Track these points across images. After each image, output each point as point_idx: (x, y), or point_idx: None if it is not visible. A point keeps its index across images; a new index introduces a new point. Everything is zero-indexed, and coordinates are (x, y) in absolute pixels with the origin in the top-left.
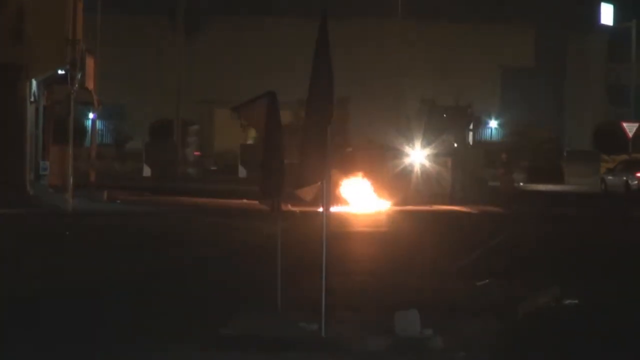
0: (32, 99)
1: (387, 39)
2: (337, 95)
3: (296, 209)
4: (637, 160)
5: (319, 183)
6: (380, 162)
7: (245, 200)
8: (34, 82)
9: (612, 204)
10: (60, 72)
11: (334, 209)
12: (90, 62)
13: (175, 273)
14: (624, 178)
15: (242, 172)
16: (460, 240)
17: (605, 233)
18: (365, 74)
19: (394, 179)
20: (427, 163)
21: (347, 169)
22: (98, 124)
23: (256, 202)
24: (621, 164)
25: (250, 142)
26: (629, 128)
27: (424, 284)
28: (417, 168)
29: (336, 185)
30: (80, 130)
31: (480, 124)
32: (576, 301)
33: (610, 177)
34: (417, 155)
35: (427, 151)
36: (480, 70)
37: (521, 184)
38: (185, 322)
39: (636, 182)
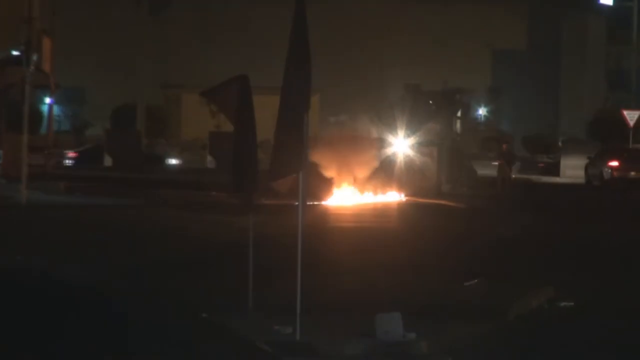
0: None
1: (370, 19)
2: (315, 81)
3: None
4: (613, 149)
5: (295, 175)
6: (361, 153)
7: (214, 193)
8: None
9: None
10: (14, 53)
11: (311, 202)
12: (47, 43)
13: (136, 272)
14: (600, 168)
15: (211, 162)
16: (446, 237)
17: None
18: (346, 57)
19: (376, 171)
20: (411, 153)
21: (326, 160)
22: (55, 109)
23: (227, 194)
24: (598, 154)
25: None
26: (630, 116)
27: (408, 283)
28: (400, 158)
29: (314, 176)
30: (36, 116)
31: (469, 110)
32: (572, 303)
33: (590, 167)
34: (401, 145)
35: (412, 140)
36: (469, 53)
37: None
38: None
39: (609, 171)
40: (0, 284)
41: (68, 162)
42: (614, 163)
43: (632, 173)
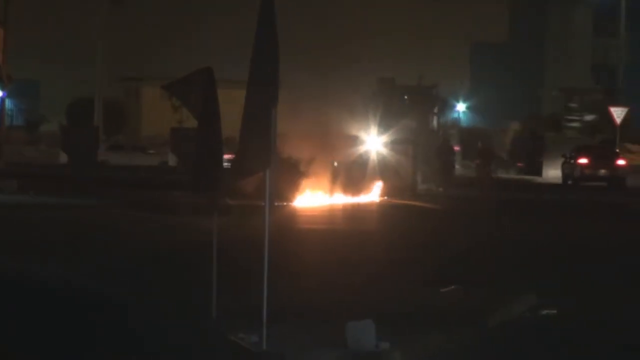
0: None
1: (342, 10)
2: (283, 75)
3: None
4: (584, 147)
5: (261, 173)
6: (331, 152)
7: (176, 192)
8: None
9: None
10: None
11: (278, 203)
12: None
13: (94, 277)
14: (573, 166)
15: (172, 160)
16: (421, 240)
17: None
18: (316, 49)
19: (347, 170)
20: (385, 151)
21: (295, 158)
22: (7, 103)
23: (189, 194)
24: (571, 152)
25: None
26: (617, 113)
27: (381, 289)
28: (374, 157)
29: (282, 175)
30: None
31: (447, 106)
32: (555, 311)
33: (565, 166)
34: (374, 143)
35: (386, 138)
36: (446, 46)
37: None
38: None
39: (579, 169)
40: None
41: None
42: (584, 160)
43: (602, 171)
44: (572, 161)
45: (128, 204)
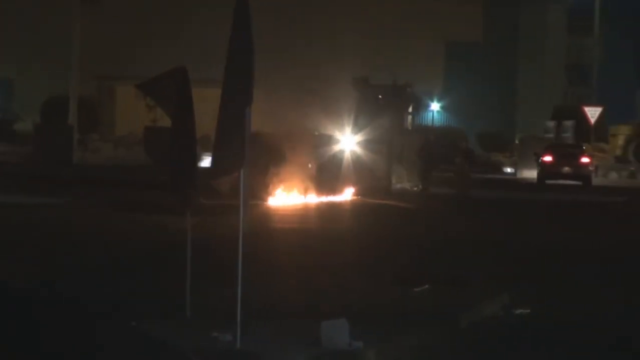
0: None
1: (316, 9)
2: (258, 74)
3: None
4: (552, 145)
5: (237, 173)
6: (305, 151)
7: (150, 191)
8: None
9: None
10: None
11: (253, 202)
12: None
13: (69, 276)
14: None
15: (146, 159)
16: (395, 239)
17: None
18: (289, 48)
19: (320, 170)
20: (359, 151)
21: (267, 158)
22: None
23: (163, 193)
24: (539, 150)
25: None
26: (591, 113)
27: (354, 289)
28: (348, 156)
29: (257, 175)
30: None
31: (421, 106)
32: (528, 310)
33: (537, 165)
34: (348, 143)
35: (359, 138)
36: (421, 45)
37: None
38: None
39: (543, 167)
40: None
41: None
42: (548, 158)
43: (566, 168)
44: (540, 160)
45: (101, 202)
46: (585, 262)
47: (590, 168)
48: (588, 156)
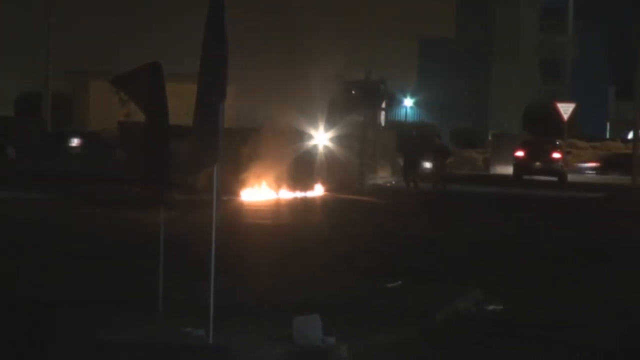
0: None
1: (290, 6)
2: (232, 70)
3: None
4: (527, 141)
5: (211, 168)
6: (279, 146)
7: (123, 186)
8: None
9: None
10: None
11: (226, 198)
12: None
13: (42, 271)
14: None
15: (120, 154)
16: (367, 235)
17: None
18: (263, 43)
19: (295, 165)
20: (332, 147)
21: (241, 154)
22: None
23: (136, 188)
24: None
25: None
26: (564, 109)
27: (327, 284)
28: (321, 152)
29: (230, 171)
30: None
31: (395, 102)
32: (501, 307)
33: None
34: (322, 138)
35: (332, 133)
36: (394, 41)
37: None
38: (54, 327)
39: (515, 162)
40: None
41: None
42: (520, 154)
43: (537, 163)
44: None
45: (74, 197)
46: (558, 258)
47: (562, 164)
48: (560, 152)
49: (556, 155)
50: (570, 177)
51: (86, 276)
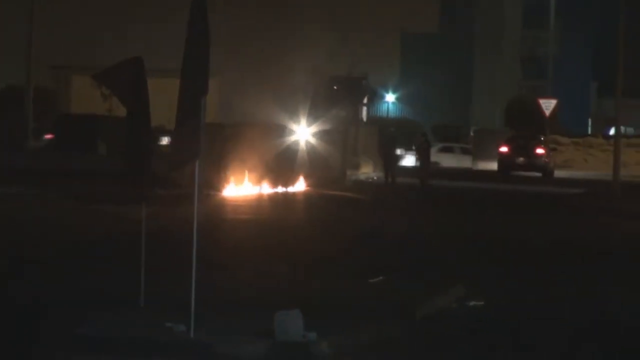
0: None
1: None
2: (214, 64)
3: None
4: (511, 137)
5: (193, 163)
6: (261, 141)
7: (105, 181)
8: None
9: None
10: None
11: (208, 193)
12: None
13: (25, 265)
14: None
15: (102, 148)
16: (349, 230)
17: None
18: (245, 39)
19: (276, 160)
20: (314, 142)
21: (224, 148)
22: None
23: (118, 183)
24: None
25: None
26: (546, 105)
27: (309, 280)
28: (303, 147)
29: (212, 166)
30: None
31: (377, 97)
32: (482, 303)
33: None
34: (303, 134)
35: (315, 128)
36: (376, 36)
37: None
38: (34, 321)
39: (499, 158)
40: None
41: None
42: (504, 149)
43: (521, 159)
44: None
45: (56, 192)
46: (538, 254)
47: (546, 159)
48: (544, 148)
49: (540, 151)
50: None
51: (66, 271)
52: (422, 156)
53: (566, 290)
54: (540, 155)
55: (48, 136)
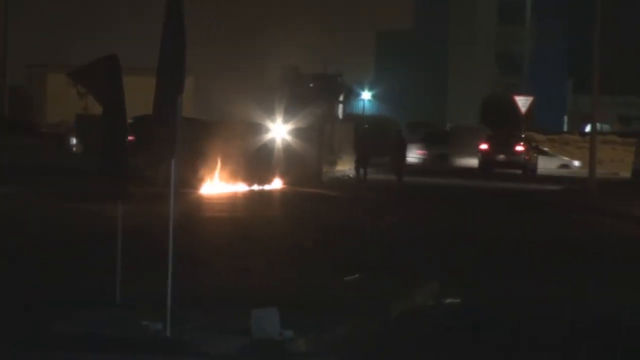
0: None
1: None
2: (190, 63)
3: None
4: (492, 135)
5: (169, 161)
6: (237, 139)
7: (81, 179)
8: None
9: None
10: None
11: (184, 191)
12: None
13: None
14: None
15: (78, 147)
16: (324, 228)
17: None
18: (220, 37)
19: (252, 158)
20: (290, 139)
21: (201, 147)
22: None
23: (94, 181)
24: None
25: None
26: (522, 102)
27: (285, 277)
28: (279, 144)
29: (188, 164)
30: None
31: (352, 95)
32: (458, 300)
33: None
34: (280, 131)
35: (291, 126)
36: (351, 33)
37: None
38: (10, 319)
39: (479, 155)
40: None
41: None
42: (484, 146)
43: (501, 156)
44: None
45: (32, 190)
46: (512, 251)
47: (526, 157)
48: (523, 145)
49: (519, 148)
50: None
51: (42, 269)
52: (397, 153)
53: (540, 287)
54: (520, 153)
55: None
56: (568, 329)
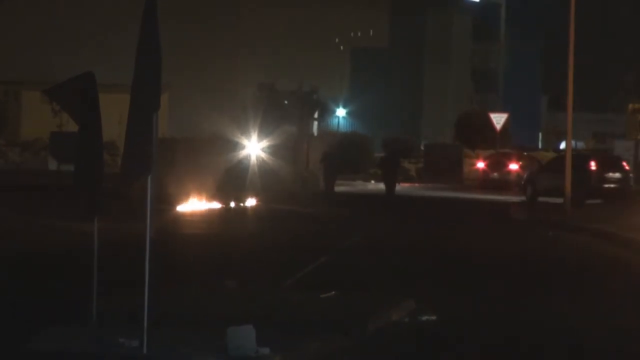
0: None
1: (221, 15)
2: (165, 78)
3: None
4: (493, 154)
5: (145, 178)
6: (212, 156)
7: (56, 196)
8: None
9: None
10: None
11: (160, 208)
12: None
13: None
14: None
15: (52, 164)
16: (299, 245)
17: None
18: (195, 54)
19: (227, 175)
20: (265, 157)
21: (174, 164)
22: None
23: (69, 198)
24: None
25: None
26: (497, 119)
27: (261, 294)
28: (253, 162)
29: (164, 181)
30: None
31: (327, 111)
32: (434, 317)
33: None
34: (254, 148)
35: (265, 143)
36: (327, 51)
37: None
38: None
39: (478, 174)
40: None
41: None
42: (481, 165)
43: (495, 174)
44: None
45: (5, 207)
46: (488, 268)
47: (520, 174)
48: (517, 162)
49: (513, 166)
50: None
51: (17, 286)
52: (390, 170)
53: (517, 303)
54: (515, 172)
55: None
56: (545, 344)
